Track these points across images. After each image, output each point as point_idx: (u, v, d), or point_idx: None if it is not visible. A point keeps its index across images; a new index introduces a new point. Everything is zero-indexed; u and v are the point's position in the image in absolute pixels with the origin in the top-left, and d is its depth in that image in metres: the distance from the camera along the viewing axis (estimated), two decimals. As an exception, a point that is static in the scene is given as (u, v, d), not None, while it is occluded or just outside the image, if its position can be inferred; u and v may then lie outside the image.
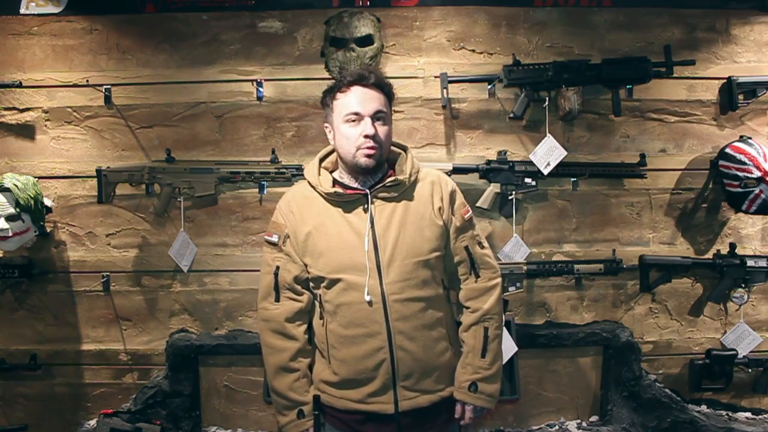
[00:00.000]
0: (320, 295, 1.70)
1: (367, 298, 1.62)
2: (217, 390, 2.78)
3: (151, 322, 2.76)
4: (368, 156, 1.65)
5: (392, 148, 1.78)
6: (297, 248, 1.71)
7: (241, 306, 2.74)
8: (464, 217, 1.77)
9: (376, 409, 1.65)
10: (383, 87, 1.71)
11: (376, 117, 1.67)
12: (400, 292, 1.63)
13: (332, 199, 1.70)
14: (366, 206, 1.68)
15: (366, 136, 1.64)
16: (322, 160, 1.81)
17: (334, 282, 1.66)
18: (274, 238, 1.75)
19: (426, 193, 1.73)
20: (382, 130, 1.67)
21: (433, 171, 1.82)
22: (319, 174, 1.76)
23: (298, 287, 1.74)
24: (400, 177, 1.71)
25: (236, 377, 2.77)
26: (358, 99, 1.66)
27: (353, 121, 1.66)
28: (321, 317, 1.71)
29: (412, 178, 1.73)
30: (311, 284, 1.74)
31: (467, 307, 1.77)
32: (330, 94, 1.73)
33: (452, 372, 1.73)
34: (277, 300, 1.73)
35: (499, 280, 1.78)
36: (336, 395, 1.69)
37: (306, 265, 1.72)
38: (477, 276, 1.76)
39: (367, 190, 1.69)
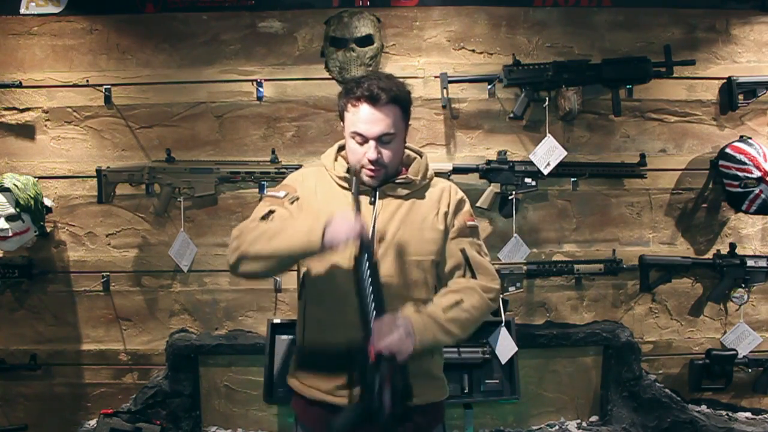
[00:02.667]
0: (305, 274, 1.66)
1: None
2: (217, 390, 2.78)
3: (151, 322, 2.76)
4: (370, 177, 1.63)
5: (409, 153, 1.75)
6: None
7: (241, 306, 2.74)
8: (466, 222, 1.72)
9: (344, 402, 1.57)
10: (400, 101, 1.63)
11: (381, 140, 1.61)
12: (390, 289, 1.57)
13: (343, 184, 1.68)
14: (373, 198, 1.66)
15: (369, 160, 1.61)
16: (340, 149, 1.77)
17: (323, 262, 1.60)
18: (280, 194, 1.68)
19: (434, 197, 1.71)
20: (387, 153, 1.62)
21: (446, 181, 1.79)
22: (336, 160, 1.74)
23: None
24: (412, 176, 1.69)
25: (236, 377, 2.77)
26: (365, 120, 1.60)
27: (358, 141, 1.62)
28: (300, 297, 1.67)
29: (424, 182, 1.71)
30: (300, 261, 1.66)
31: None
32: (344, 97, 1.67)
33: (431, 382, 1.68)
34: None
35: (497, 285, 1.68)
36: (306, 383, 1.64)
37: None
38: (473, 278, 1.67)
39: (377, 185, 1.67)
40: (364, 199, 1.66)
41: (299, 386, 1.67)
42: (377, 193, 1.67)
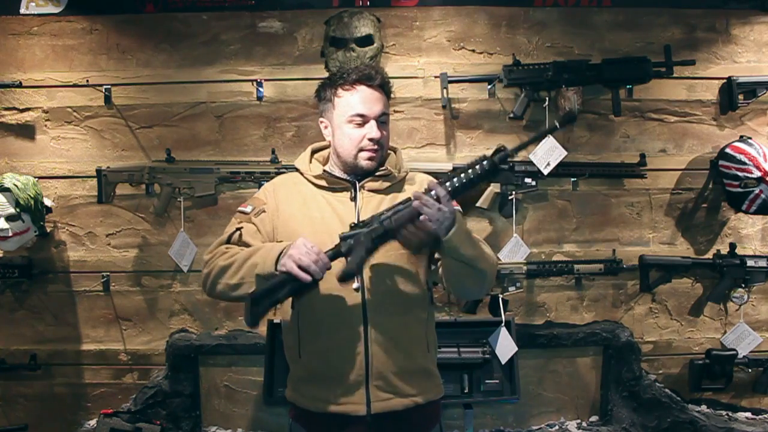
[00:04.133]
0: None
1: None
2: (217, 390, 2.77)
3: (151, 322, 2.76)
4: (370, 159, 1.63)
5: None
6: (274, 225, 1.65)
7: (241, 306, 2.73)
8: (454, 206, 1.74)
9: (347, 410, 1.57)
10: (385, 87, 1.68)
11: (380, 120, 1.64)
12: (381, 282, 1.58)
13: (320, 183, 1.68)
14: (353, 194, 1.66)
15: (371, 139, 1.62)
16: (314, 152, 1.78)
17: None
18: (248, 209, 1.69)
19: (415, 189, 1.68)
20: (384, 134, 1.66)
21: (422, 174, 1.80)
22: (310, 162, 1.74)
23: None
24: (391, 168, 1.70)
25: (236, 377, 2.77)
26: (364, 100, 1.63)
27: (358, 123, 1.63)
28: (293, 306, 1.64)
29: (402, 174, 1.72)
30: None
31: None
32: (331, 87, 1.67)
33: (428, 379, 1.66)
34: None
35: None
36: (307, 395, 1.62)
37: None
38: None
39: (356, 180, 1.67)
40: (345, 196, 1.66)
41: (300, 399, 1.65)
42: (357, 188, 1.66)
